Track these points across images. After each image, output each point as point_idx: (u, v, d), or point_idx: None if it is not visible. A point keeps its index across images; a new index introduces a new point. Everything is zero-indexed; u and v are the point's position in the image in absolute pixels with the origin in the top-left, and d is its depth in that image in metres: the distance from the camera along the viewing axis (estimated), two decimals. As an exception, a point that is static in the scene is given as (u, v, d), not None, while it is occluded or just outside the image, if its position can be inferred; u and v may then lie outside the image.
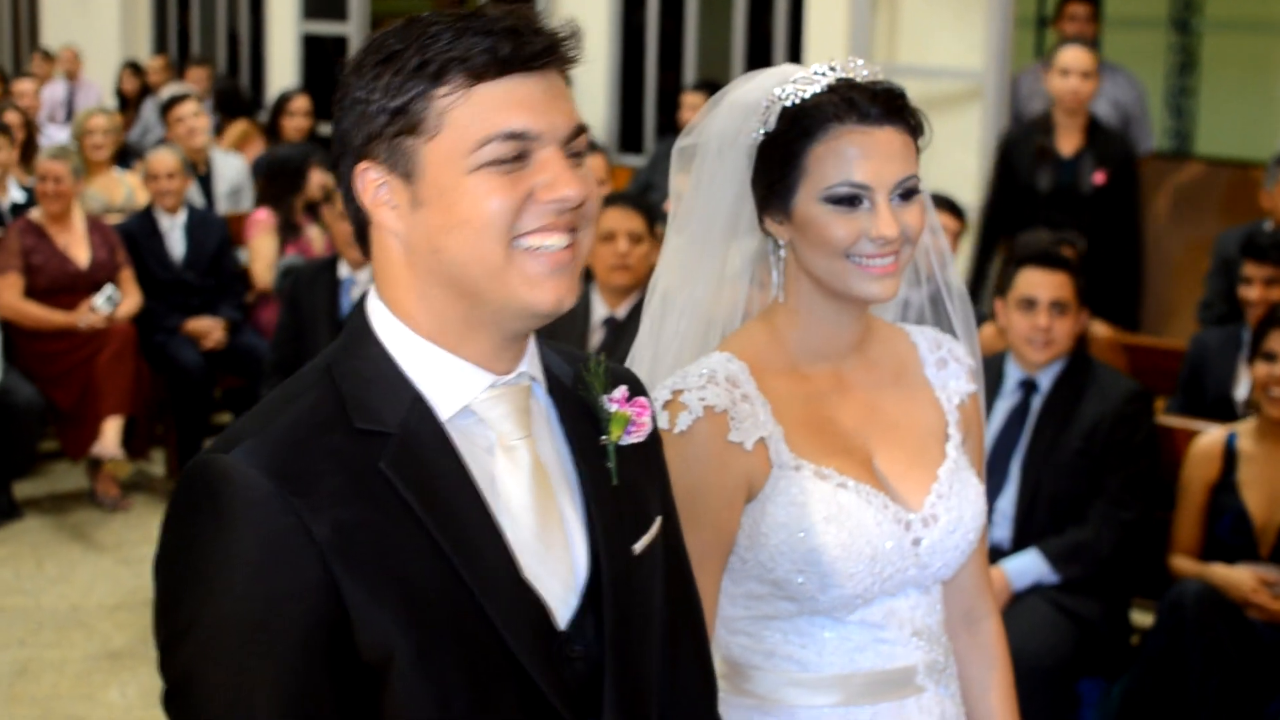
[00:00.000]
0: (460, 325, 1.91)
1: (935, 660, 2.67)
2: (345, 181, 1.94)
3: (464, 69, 1.84)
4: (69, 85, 15.14)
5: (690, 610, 2.24)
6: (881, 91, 2.53)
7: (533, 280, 1.87)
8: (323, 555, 1.78)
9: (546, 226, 1.88)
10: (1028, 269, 5.38)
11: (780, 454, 2.54)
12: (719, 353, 2.61)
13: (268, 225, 8.89)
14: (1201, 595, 4.97)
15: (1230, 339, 6.37)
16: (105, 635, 6.63)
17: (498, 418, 1.95)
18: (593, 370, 2.09)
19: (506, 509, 1.93)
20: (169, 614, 1.83)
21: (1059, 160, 7.64)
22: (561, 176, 1.87)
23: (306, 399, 1.89)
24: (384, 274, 1.95)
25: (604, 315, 6.06)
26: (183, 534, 1.83)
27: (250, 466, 1.80)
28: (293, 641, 1.78)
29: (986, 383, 5.34)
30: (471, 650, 1.85)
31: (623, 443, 2.08)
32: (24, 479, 8.42)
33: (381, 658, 1.81)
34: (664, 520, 2.15)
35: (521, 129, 1.85)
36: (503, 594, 1.87)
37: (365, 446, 1.86)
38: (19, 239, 8.12)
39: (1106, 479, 5.23)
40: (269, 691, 1.77)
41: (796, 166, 2.52)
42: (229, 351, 8.58)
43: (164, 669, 1.85)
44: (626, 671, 2.00)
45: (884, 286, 2.53)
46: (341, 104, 1.91)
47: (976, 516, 2.66)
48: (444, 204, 1.85)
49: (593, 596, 1.98)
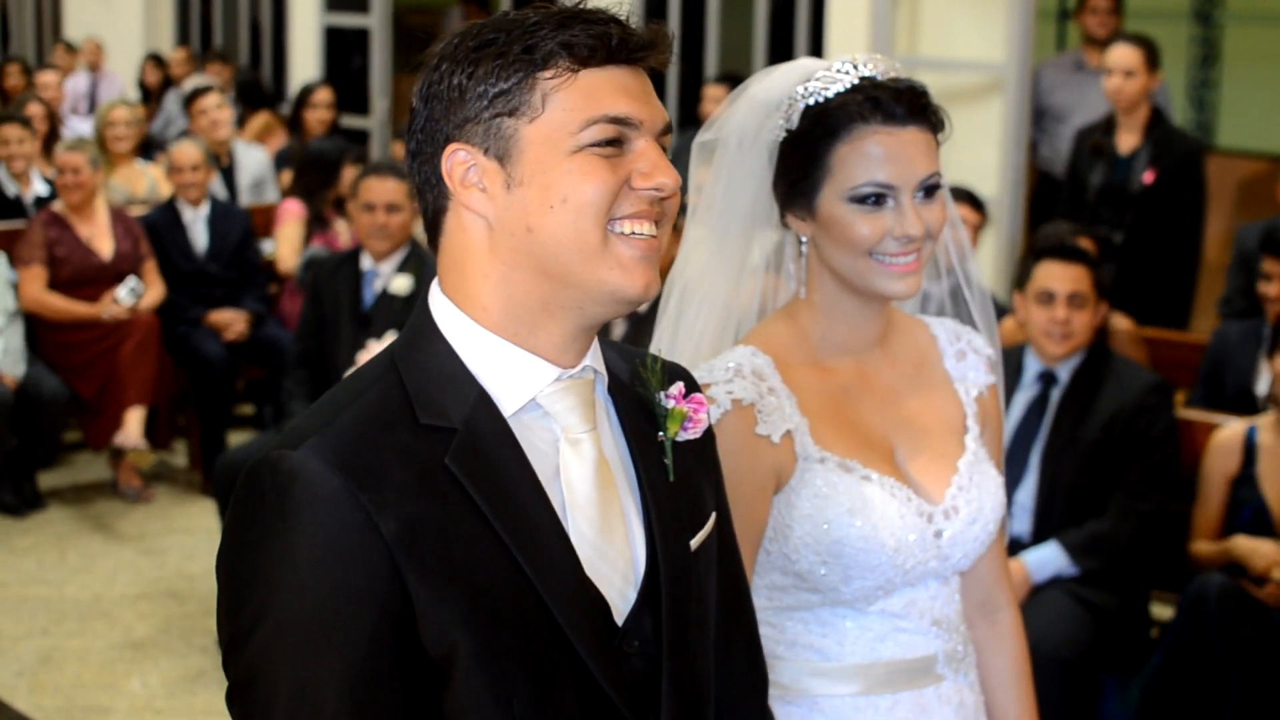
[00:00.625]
0: (537, 312, 1.92)
1: (954, 649, 2.68)
2: (428, 167, 1.95)
3: (570, 54, 1.87)
4: (91, 77, 15.18)
5: (742, 606, 2.25)
6: (905, 90, 2.54)
7: (625, 265, 1.89)
8: (390, 551, 1.79)
9: (640, 213, 1.90)
10: (1045, 262, 5.39)
11: (806, 447, 2.56)
12: (744, 346, 2.63)
13: (297, 214, 8.90)
14: (1224, 589, 4.97)
15: (1251, 333, 6.36)
16: (127, 625, 6.66)
17: (563, 410, 1.96)
18: (650, 367, 2.10)
19: (571, 502, 1.93)
20: (235, 610, 1.83)
21: (1115, 158, 7.56)
22: (659, 165, 1.90)
23: (372, 394, 1.90)
24: (457, 260, 1.95)
25: (624, 307, 6.06)
26: (249, 530, 1.83)
27: (318, 462, 1.80)
28: (360, 637, 1.78)
29: (1006, 375, 5.35)
30: (533, 646, 1.86)
31: (679, 439, 2.09)
32: (47, 470, 8.46)
33: (445, 653, 1.81)
34: (718, 516, 2.16)
35: (625, 115, 1.89)
36: (565, 590, 1.88)
37: (430, 442, 1.86)
38: (42, 231, 8.14)
39: (1125, 471, 5.24)
40: (336, 686, 1.77)
41: (821, 166, 2.54)
42: (251, 343, 8.60)
43: (229, 665, 1.85)
44: (683, 668, 2.00)
45: (907, 284, 2.55)
46: (428, 91, 1.93)
47: (996, 508, 2.67)
48: (543, 183, 1.87)
49: (650, 592, 1.98)
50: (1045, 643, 4.92)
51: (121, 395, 8.09)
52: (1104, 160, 7.60)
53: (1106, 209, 7.48)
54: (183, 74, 14.00)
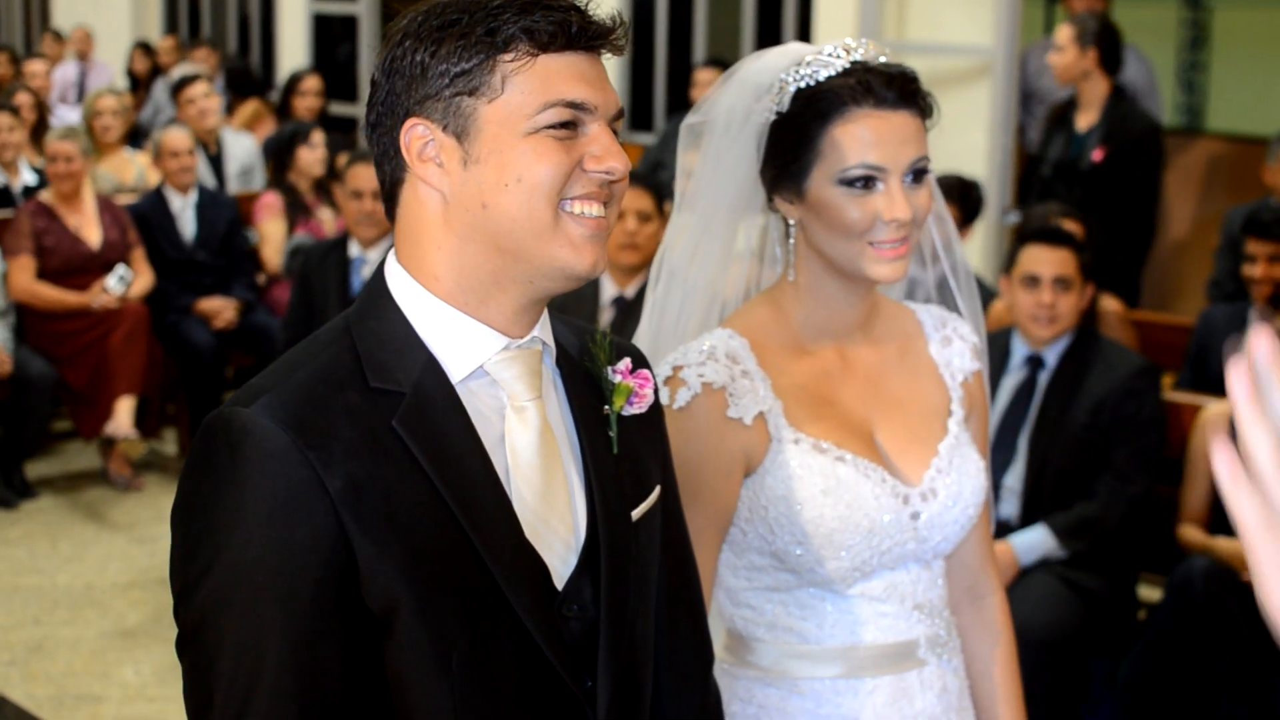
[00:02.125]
0: (489, 284, 1.98)
1: (937, 634, 2.69)
2: (386, 139, 2.00)
3: (531, 39, 1.92)
4: (80, 66, 15.16)
5: (688, 579, 2.31)
6: (896, 75, 2.56)
7: (575, 242, 1.95)
8: (335, 507, 1.84)
9: (590, 195, 1.96)
10: (1031, 246, 5.40)
11: (779, 428, 2.57)
12: (721, 329, 2.65)
13: (275, 208, 8.91)
14: (1211, 572, 4.98)
15: (1237, 315, 6.36)
16: (119, 613, 6.67)
17: (510, 379, 2.01)
18: (598, 342, 2.16)
19: (514, 468, 1.99)
20: (187, 561, 1.89)
21: (1072, 134, 7.63)
22: (610, 149, 1.97)
23: (324, 357, 1.96)
24: (412, 232, 2.01)
25: (613, 294, 6.07)
26: (201, 484, 1.89)
27: (269, 420, 1.85)
28: (305, 589, 1.84)
29: (993, 359, 5.37)
30: (473, 604, 1.92)
31: (625, 413, 2.14)
32: (38, 459, 8.48)
33: (386, 607, 1.87)
34: (663, 490, 2.21)
35: (581, 100, 1.95)
36: (504, 551, 1.93)
37: (379, 405, 1.92)
38: (30, 221, 8.14)
39: (1113, 454, 5.25)
40: (279, 636, 1.84)
41: (811, 148, 2.55)
42: (241, 331, 8.61)
43: (179, 614, 1.90)
44: (621, 634, 2.06)
45: (894, 269, 2.56)
46: (390, 66, 1.98)
47: (977, 492, 2.68)
48: (499, 162, 1.93)
49: (590, 559, 2.04)
50: (1033, 625, 4.94)
51: (111, 384, 8.09)
52: (1063, 136, 7.65)
53: (1059, 185, 7.53)
54: (171, 62, 13.99)
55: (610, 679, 2.04)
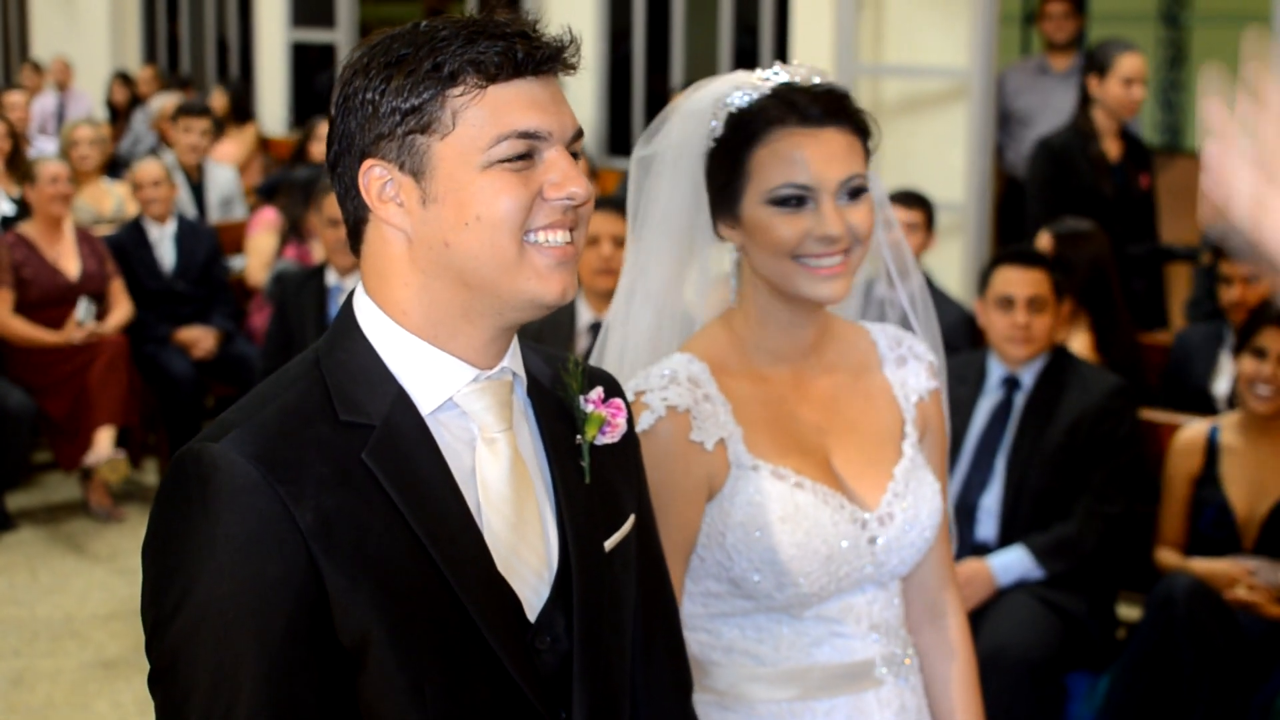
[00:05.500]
0: (457, 318, 1.97)
1: (893, 653, 2.70)
2: (346, 179, 1.99)
3: (478, 71, 1.91)
4: (59, 96, 15.15)
5: (665, 608, 2.30)
6: (823, 93, 2.56)
7: (542, 272, 1.94)
8: (306, 541, 1.84)
9: (554, 223, 1.95)
10: (1004, 267, 5.41)
11: (739, 454, 2.57)
12: (680, 353, 2.65)
13: (271, 224, 8.91)
14: (1191, 590, 4.97)
15: (1212, 335, 6.37)
16: (99, 645, 6.65)
17: (480, 410, 2.00)
18: (571, 371, 2.15)
19: (485, 500, 1.98)
20: (158, 597, 1.88)
21: (1109, 166, 7.50)
22: (568, 175, 1.95)
23: (294, 390, 1.95)
24: (378, 269, 1.99)
25: (590, 320, 6.06)
26: (172, 520, 1.88)
27: (238, 454, 1.85)
28: (277, 623, 1.84)
29: (970, 380, 5.37)
30: (446, 637, 1.91)
31: (597, 443, 2.14)
32: (17, 490, 8.45)
33: (358, 641, 1.87)
34: (638, 519, 2.21)
35: (534, 128, 1.93)
36: (476, 583, 1.93)
37: (349, 438, 1.92)
38: (8, 253, 8.12)
39: (1091, 474, 5.25)
40: (253, 671, 1.83)
41: (742, 171, 2.56)
42: (221, 360, 8.60)
43: (151, 650, 1.90)
44: (596, 664, 2.05)
45: (833, 288, 2.55)
46: (344, 104, 1.97)
47: (933, 514, 2.68)
48: (457, 200, 1.91)
49: (563, 590, 2.03)
50: (1012, 646, 4.94)
51: (91, 415, 8.07)
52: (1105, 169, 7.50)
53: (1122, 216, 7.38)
54: (150, 92, 14.00)
55: (585, 710, 2.03)
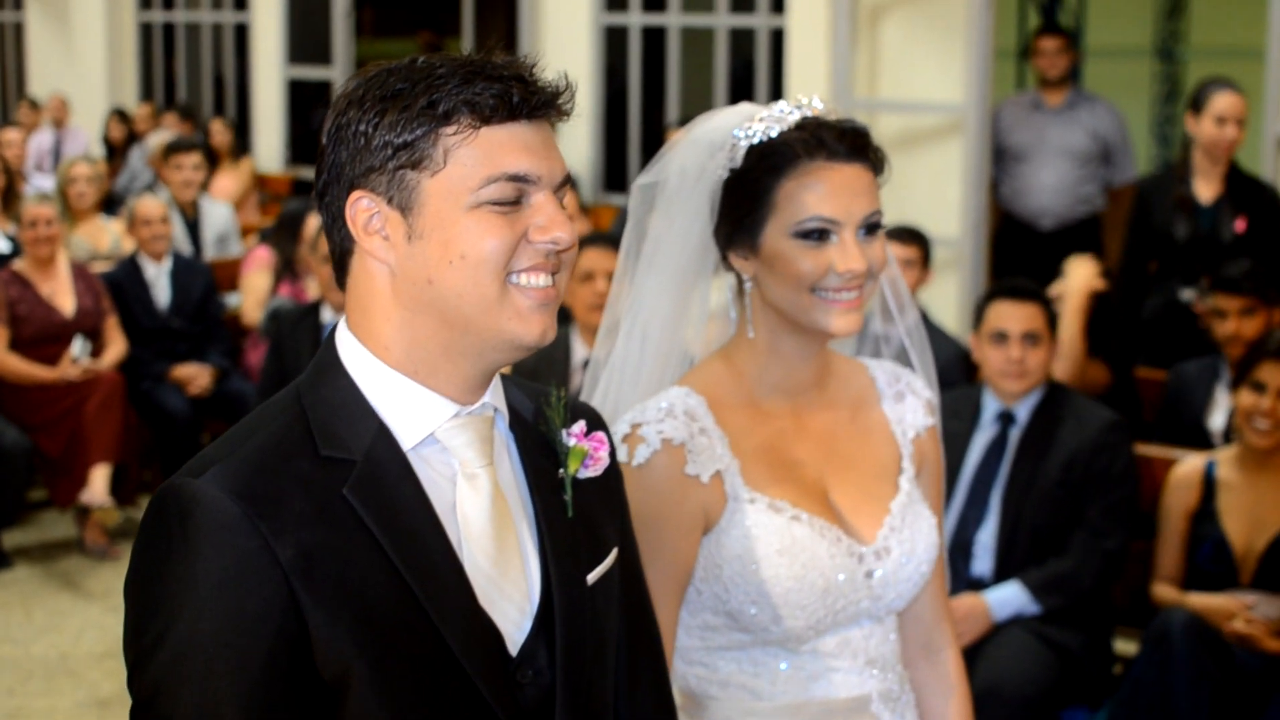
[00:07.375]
0: (438, 355, 1.98)
1: (889, 689, 2.69)
2: (333, 209, 1.99)
3: (473, 111, 1.92)
4: (56, 133, 15.17)
5: (649, 641, 2.30)
6: (849, 130, 2.58)
7: (523, 314, 1.95)
8: (286, 577, 1.85)
9: (537, 266, 1.96)
10: (998, 302, 5.40)
11: (736, 487, 2.58)
12: (677, 387, 2.65)
13: (265, 262, 8.91)
14: (1188, 626, 4.96)
15: (1208, 369, 6.36)
16: (94, 683, 6.63)
17: (461, 445, 2.01)
18: (553, 405, 2.15)
19: (466, 535, 1.99)
20: (139, 633, 1.89)
21: (1197, 207, 7.33)
22: (555, 220, 1.96)
23: (275, 426, 1.96)
24: (362, 302, 2.00)
25: (584, 357, 6.05)
26: (153, 556, 1.89)
27: (219, 490, 1.86)
28: (258, 659, 1.84)
29: (964, 415, 5.37)
30: (427, 672, 1.91)
31: (580, 476, 2.14)
32: (12, 528, 8.42)
33: (339, 676, 1.87)
34: (622, 552, 2.21)
35: (524, 172, 1.94)
36: (458, 618, 1.93)
37: (330, 473, 1.92)
38: (3, 290, 8.11)
39: (1087, 509, 5.24)
40: (233, 707, 1.83)
41: (765, 202, 2.57)
42: (216, 397, 8.60)
43: (133, 685, 1.91)
44: (578, 698, 2.05)
45: (848, 321, 2.57)
46: (336, 134, 1.97)
47: (930, 549, 2.69)
48: (443, 238, 1.92)
49: (545, 624, 2.03)
50: (1008, 681, 4.92)
51: (87, 452, 8.07)
52: (1187, 211, 7.32)
53: (1197, 261, 7.20)
54: (147, 129, 14.03)
55: None
